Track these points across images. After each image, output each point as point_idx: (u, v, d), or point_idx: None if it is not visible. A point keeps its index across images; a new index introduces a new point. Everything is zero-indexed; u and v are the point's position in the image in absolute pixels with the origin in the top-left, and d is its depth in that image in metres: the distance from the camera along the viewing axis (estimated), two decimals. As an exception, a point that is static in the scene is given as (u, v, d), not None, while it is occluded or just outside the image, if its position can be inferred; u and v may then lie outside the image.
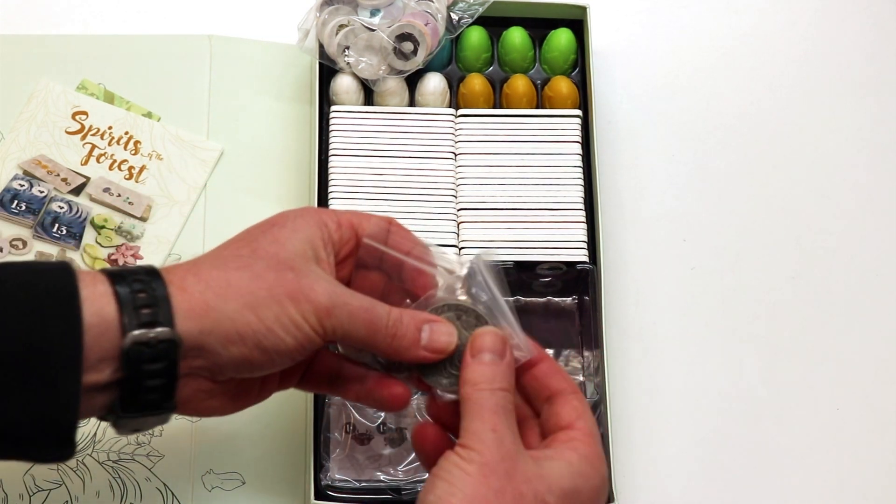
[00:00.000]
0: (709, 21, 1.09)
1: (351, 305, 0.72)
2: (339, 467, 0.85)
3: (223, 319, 0.69)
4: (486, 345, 0.72)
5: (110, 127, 1.00)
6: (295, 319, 0.70)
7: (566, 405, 0.72)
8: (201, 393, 0.72)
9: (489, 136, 0.97)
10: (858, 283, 0.99)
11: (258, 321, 0.70)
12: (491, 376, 0.71)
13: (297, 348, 0.71)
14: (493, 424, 0.69)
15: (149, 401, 0.69)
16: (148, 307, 0.68)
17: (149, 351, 0.67)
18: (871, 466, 0.93)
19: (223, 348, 0.70)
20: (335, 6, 0.98)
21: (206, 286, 0.70)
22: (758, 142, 1.04)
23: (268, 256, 0.72)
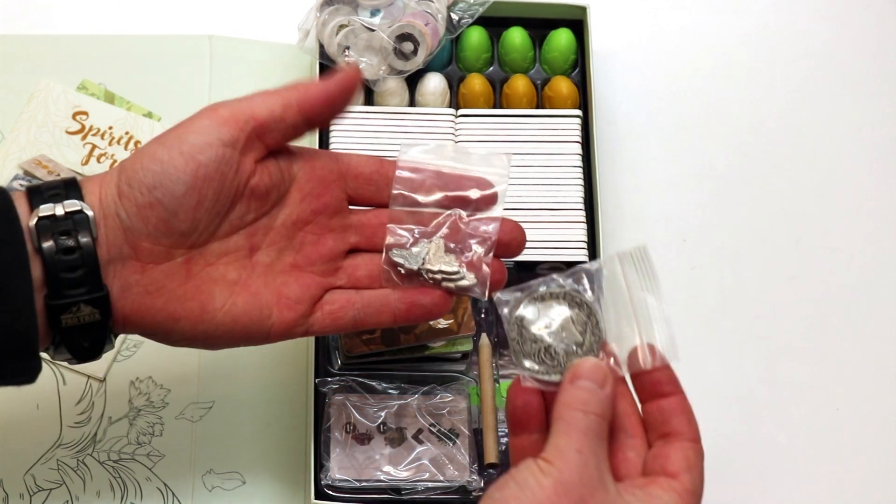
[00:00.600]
0: (709, 21, 1.09)
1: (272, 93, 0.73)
2: (339, 467, 0.85)
3: (112, 176, 0.70)
4: (584, 373, 0.68)
5: (111, 127, 1.00)
6: (186, 136, 0.71)
7: (680, 452, 0.68)
8: (135, 285, 0.71)
9: (489, 136, 0.97)
10: (858, 283, 0.99)
11: (148, 159, 0.70)
12: (586, 400, 0.67)
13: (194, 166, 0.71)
14: (580, 445, 0.65)
15: (73, 280, 0.68)
16: (56, 190, 0.70)
17: (60, 224, 0.69)
18: (871, 466, 0.93)
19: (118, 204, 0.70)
20: (335, 6, 0.98)
21: (110, 168, 0.71)
22: (758, 142, 1.04)
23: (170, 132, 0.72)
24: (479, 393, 0.88)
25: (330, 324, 0.76)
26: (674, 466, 0.68)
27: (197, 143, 0.71)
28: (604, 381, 0.68)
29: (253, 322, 0.74)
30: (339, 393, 0.87)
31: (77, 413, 0.90)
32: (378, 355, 0.88)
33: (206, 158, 0.71)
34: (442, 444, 0.86)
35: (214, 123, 0.72)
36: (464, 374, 0.90)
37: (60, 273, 0.68)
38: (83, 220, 0.69)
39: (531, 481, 0.65)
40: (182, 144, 0.71)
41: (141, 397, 0.91)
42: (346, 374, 0.88)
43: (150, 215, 0.70)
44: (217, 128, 0.72)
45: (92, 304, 0.69)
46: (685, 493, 0.67)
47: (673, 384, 0.70)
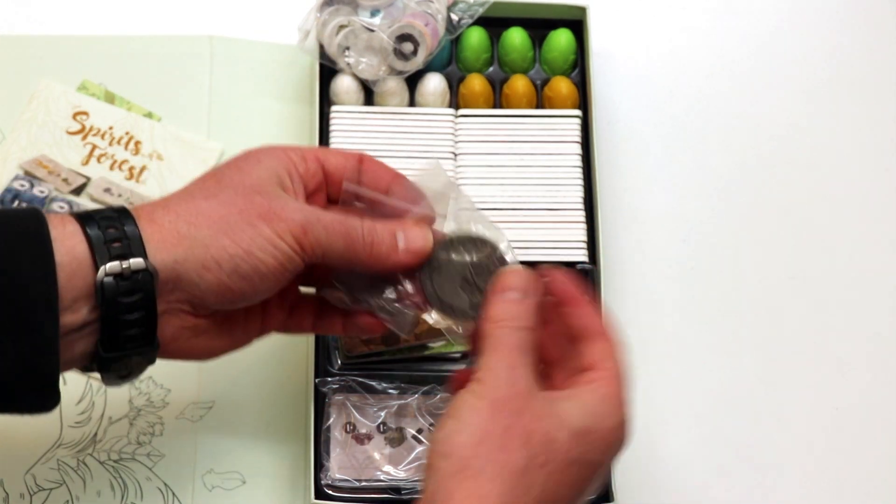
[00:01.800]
0: (708, 21, 1.09)
1: (325, 219, 0.71)
2: (339, 467, 0.85)
3: (196, 246, 0.69)
4: (513, 283, 0.70)
5: (111, 127, 1.00)
6: (271, 238, 0.70)
7: (594, 346, 0.70)
8: (185, 331, 0.72)
9: (489, 137, 0.97)
10: (858, 283, 0.99)
11: (233, 244, 0.69)
12: (515, 314, 0.69)
13: (277, 268, 0.71)
14: (511, 361, 0.67)
15: (130, 337, 0.69)
16: (118, 241, 0.68)
17: (124, 283, 0.67)
18: (871, 466, 0.93)
19: (199, 276, 0.69)
20: (335, 7, 0.98)
21: (175, 216, 0.69)
22: (758, 142, 1.04)
23: (234, 185, 0.71)
24: (478, 393, 0.88)
25: (294, 327, 0.79)
26: (591, 358, 0.70)
27: (287, 253, 0.71)
28: (528, 288, 0.70)
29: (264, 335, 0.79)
30: (339, 393, 0.88)
31: (77, 413, 0.90)
32: (378, 355, 0.88)
33: (291, 266, 0.72)
34: (442, 444, 0.86)
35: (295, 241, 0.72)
36: (464, 374, 0.90)
37: (120, 331, 0.69)
38: (148, 280, 0.68)
39: (466, 409, 0.66)
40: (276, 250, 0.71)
41: (141, 397, 0.91)
42: (346, 374, 0.88)
43: (227, 295, 0.71)
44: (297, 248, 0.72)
45: (141, 354, 0.71)
46: (608, 377, 0.69)
47: (575, 292, 0.72)
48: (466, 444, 0.65)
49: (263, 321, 0.77)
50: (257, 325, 0.77)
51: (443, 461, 0.65)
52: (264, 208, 0.70)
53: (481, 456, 0.65)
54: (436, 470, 0.65)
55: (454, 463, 0.65)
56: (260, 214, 0.70)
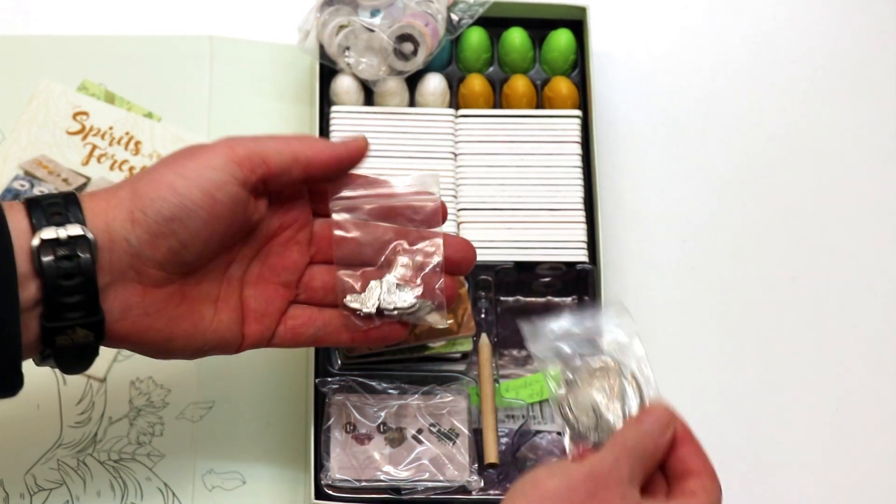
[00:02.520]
0: (708, 21, 1.09)
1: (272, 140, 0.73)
2: (339, 467, 0.85)
3: (123, 202, 0.70)
4: (649, 417, 0.73)
5: (111, 127, 1.00)
6: (197, 169, 0.71)
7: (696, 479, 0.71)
8: (134, 307, 0.71)
9: (489, 137, 0.97)
10: (858, 283, 0.99)
11: (154, 188, 0.70)
12: (642, 441, 0.71)
13: (207, 200, 0.71)
14: (620, 455, 0.70)
15: (71, 305, 0.69)
16: (58, 213, 0.69)
17: (61, 249, 0.68)
18: (871, 466, 0.93)
19: (129, 231, 0.70)
20: (335, 7, 0.98)
21: (109, 190, 0.71)
22: (758, 142, 1.04)
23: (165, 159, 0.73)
24: (479, 393, 0.88)
25: (291, 339, 0.78)
26: (691, 487, 0.71)
27: (215, 180, 0.71)
28: (666, 427, 0.72)
29: (232, 335, 0.76)
30: (339, 393, 0.87)
31: (77, 413, 0.90)
32: (378, 355, 0.88)
33: (223, 196, 0.72)
34: (442, 444, 0.86)
35: (231, 161, 0.72)
36: (464, 374, 0.90)
37: (60, 297, 0.69)
38: (85, 244, 0.69)
39: (563, 467, 0.70)
40: (200, 179, 0.71)
41: (141, 397, 0.91)
42: (346, 374, 0.88)
43: (162, 245, 0.71)
44: (233, 167, 0.72)
45: (87, 327, 0.70)
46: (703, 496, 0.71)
47: (683, 430, 0.73)
48: (549, 489, 0.68)
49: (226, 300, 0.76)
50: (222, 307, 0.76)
51: (520, 498, 0.68)
52: (191, 154, 0.72)
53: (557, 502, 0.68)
54: (511, 501, 0.68)
55: (531, 499, 0.68)
56: (186, 158, 0.72)
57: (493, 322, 0.92)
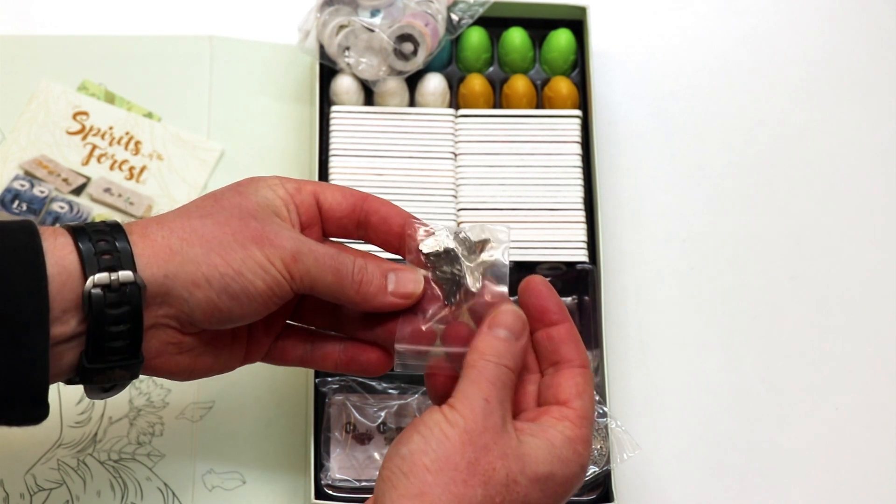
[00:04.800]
0: (708, 21, 1.09)
1: (317, 252, 0.72)
2: (339, 467, 0.85)
3: (188, 262, 0.69)
4: (505, 322, 0.71)
5: (111, 127, 1.00)
6: (261, 262, 0.70)
7: (569, 379, 0.71)
8: (170, 346, 0.72)
9: (489, 137, 0.97)
10: (858, 283, 0.99)
11: (224, 263, 0.70)
12: (501, 352, 0.70)
13: (267, 292, 0.71)
14: (487, 394, 0.68)
15: (114, 349, 0.69)
16: (108, 253, 0.68)
17: (111, 295, 0.68)
18: (871, 466, 0.93)
19: (189, 293, 0.70)
20: (335, 7, 0.98)
21: (169, 232, 0.70)
22: (758, 141, 1.04)
23: (230, 206, 0.72)
24: (478, 393, 0.88)
25: (279, 356, 0.79)
26: (565, 394, 0.71)
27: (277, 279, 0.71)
28: (521, 331, 0.71)
29: (240, 362, 0.78)
30: (339, 393, 0.88)
31: (77, 413, 0.90)
32: (378, 355, 0.88)
33: (280, 292, 0.72)
34: (442, 444, 0.86)
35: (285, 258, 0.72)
36: (464, 374, 0.90)
37: (105, 343, 0.69)
38: (136, 293, 0.69)
39: (437, 432, 0.67)
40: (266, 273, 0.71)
41: (141, 397, 0.91)
42: (346, 374, 0.88)
43: (216, 314, 0.71)
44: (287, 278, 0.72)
45: (125, 368, 0.71)
46: (577, 419, 0.70)
47: (560, 312, 0.73)
48: (429, 469, 0.66)
49: (249, 346, 0.77)
50: (242, 349, 0.77)
51: (402, 479, 0.67)
52: (258, 232, 0.71)
53: (440, 485, 0.66)
54: (392, 485, 0.67)
55: (413, 484, 0.66)
56: (253, 238, 0.71)
57: (493, 322, 0.92)
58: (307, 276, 0.72)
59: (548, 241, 0.94)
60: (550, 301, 0.73)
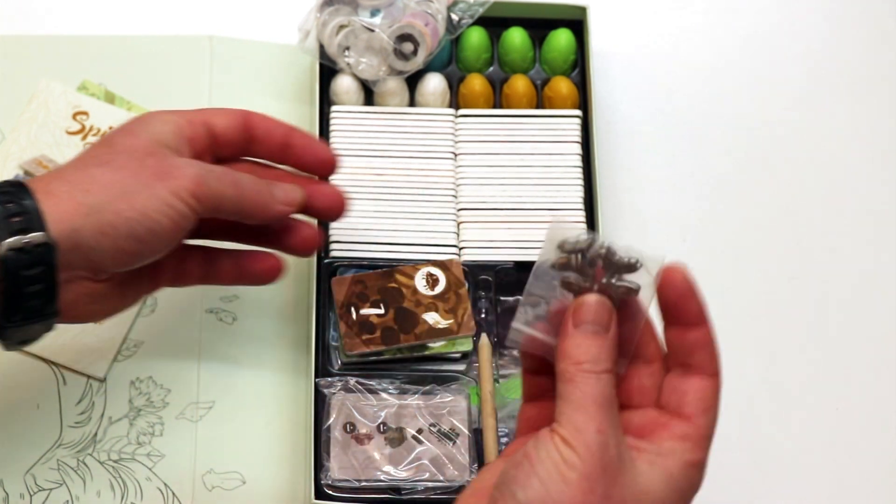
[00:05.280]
0: (708, 21, 1.09)
1: (216, 170, 0.76)
2: (339, 467, 0.85)
3: (93, 213, 0.71)
4: (590, 315, 0.65)
5: (111, 127, 1.00)
6: (166, 198, 0.73)
7: (698, 390, 0.65)
8: (85, 297, 0.74)
9: (489, 136, 0.97)
10: (858, 283, 0.99)
11: (129, 207, 0.72)
12: (596, 355, 0.64)
13: (173, 228, 0.74)
14: (600, 424, 0.63)
15: (31, 307, 0.71)
16: (18, 216, 0.69)
17: (25, 257, 0.69)
18: (872, 466, 0.93)
19: (97, 242, 0.72)
20: (335, 7, 0.98)
21: (70, 185, 0.72)
22: (757, 141, 1.04)
23: (125, 149, 0.74)
24: (479, 393, 0.88)
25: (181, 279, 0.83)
26: (690, 407, 0.65)
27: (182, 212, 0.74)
28: (609, 320, 0.65)
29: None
30: (339, 393, 0.88)
31: (77, 413, 0.90)
32: (378, 355, 0.88)
33: (185, 224, 0.75)
34: (442, 444, 0.86)
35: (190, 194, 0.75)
36: (464, 374, 0.90)
37: (22, 303, 0.71)
38: (49, 252, 0.70)
39: (555, 477, 0.62)
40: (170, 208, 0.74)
41: (141, 397, 0.91)
42: (346, 374, 0.88)
43: (125, 258, 0.74)
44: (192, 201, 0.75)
45: (42, 323, 0.73)
46: (699, 439, 0.65)
47: (701, 313, 0.66)
48: None
49: (154, 277, 0.80)
50: (148, 282, 0.80)
51: None
52: (157, 168, 0.73)
53: None
54: None
55: None
56: (154, 174, 0.73)
57: (493, 322, 0.92)
58: (212, 197, 0.75)
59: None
60: (692, 300, 0.67)
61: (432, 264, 0.91)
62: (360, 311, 0.89)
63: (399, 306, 0.89)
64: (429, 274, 0.90)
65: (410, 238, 0.93)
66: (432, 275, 0.90)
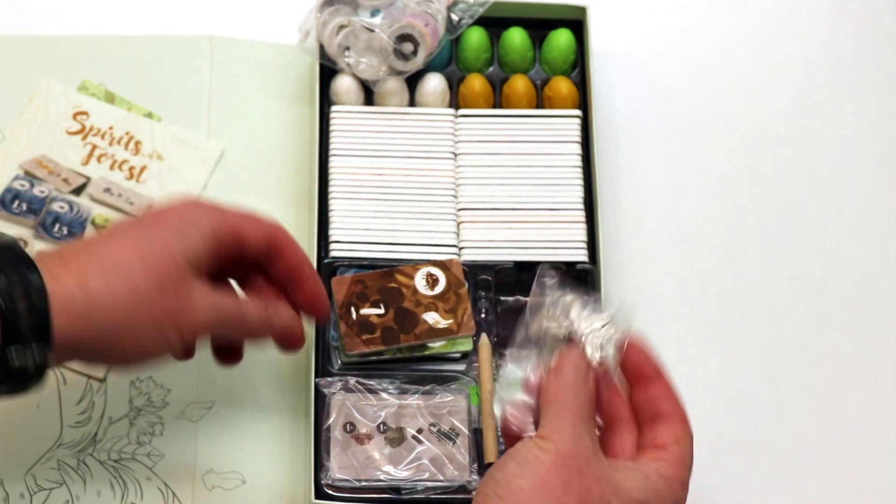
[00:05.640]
0: (708, 21, 1.09)
1: (225, 310, 0.78)
2: (339, 467, 0.85)
3: (99, 338, 0.74)
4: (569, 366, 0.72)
5: (111, 127, 1.00)
6: (170, 337, 0.76)
7: (667, 428, 0.72)
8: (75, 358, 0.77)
9: (489, 136, 0.97)
10: (858, 283, 0.99)
11: (133, 344, 0.75)
12: (575, 386, 0.71)
13: (162, 355, 0.78)
14: (574, 422, 0.69)
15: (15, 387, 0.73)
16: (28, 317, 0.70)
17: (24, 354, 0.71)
18: (872, 466, 0.93)
19: (90, 354, 0.75)
20: (335, 7, 0.98)
21: (88, 298, 0.72)
22: (758, 141, 1.04)
23: (155, 265, 0.75)
24: (479, 393, 0.88)
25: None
26: (662, 440, 0.72)
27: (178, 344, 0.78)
28: (586, 372, 0.72)
29: None
30: (339, 393, 0.88)
31: (77, 413, 0.90)
32: (378, 355, 0.88)
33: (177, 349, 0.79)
34: (442, 444, 0.86)
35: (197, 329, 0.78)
36: (464, 374, 0.90)
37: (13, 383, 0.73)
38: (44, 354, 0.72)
39: (530, 457, 0.68)
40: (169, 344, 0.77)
41: (141, 397, 0.91)
42: (346, 374, 0.88)
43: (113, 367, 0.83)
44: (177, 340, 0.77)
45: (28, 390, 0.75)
46: (673, 461, 0.71)
47: (655, 368, 0.74)
48: (525, 490, 0.67)
49: None
50: None
51: (498, 502, 0.67)
52: (175, 305, 0.75)
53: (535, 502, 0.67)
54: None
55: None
56: (169, 312, 0.75)
57: (493, 322, 0.92)
58: (214, 332, 0.81)
59: (548, 241, 0.94)
60: (646, 358, 0.74)
61: (432, 264, 0.91)
62: (360, 311, 0.89)
63: (399, 306, 0.89)
64: (429, 274, 0.90)
65: (410, 238, 0.93)
66: (432, 275, 0.90)
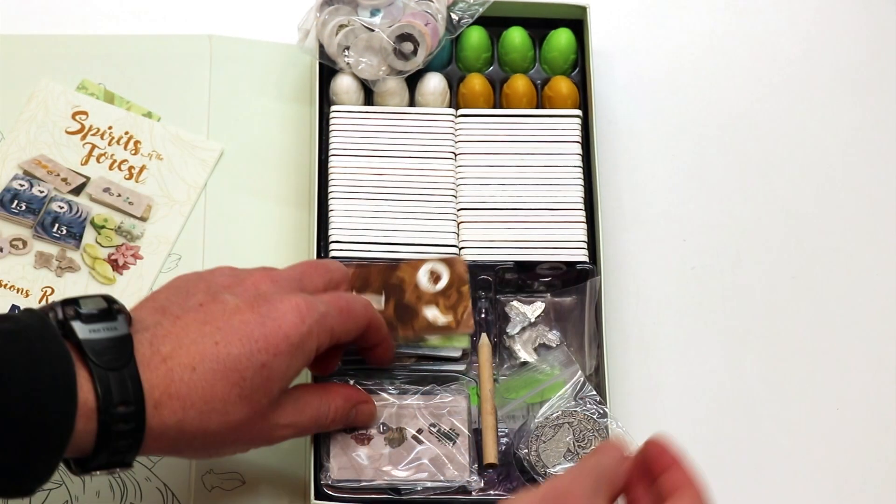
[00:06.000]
0: (709, 21, 1.09)
1: (301, 426, 0.82)
2: (339, 467, 0.85)
3: (184, 442, 0.76)
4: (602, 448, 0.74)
5: (110, 127, 1.00)
6: (243, 451, 0.81)
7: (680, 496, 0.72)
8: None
9: (489, 136, 0.97)
10: (858, 283, 0.99)
11: (216, 452, 0.80)
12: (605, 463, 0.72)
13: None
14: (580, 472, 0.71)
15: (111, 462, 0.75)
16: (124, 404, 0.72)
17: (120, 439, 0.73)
18: (872, 466, 0.93)
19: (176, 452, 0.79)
20: (335, 6, 0.98)
21: (180, 430, 0.75)
22: (758, 141, 1.04)
23: (249, 398, 0.76)
24: (479, 393, 0.88)
25: None
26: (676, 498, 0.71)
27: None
28: (621, 457, 0.73)
29: None
30: (339, 393, 0.87)
31: (77, 413, 0.90)
32: (378, 355, 0.88)
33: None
34: (442, 444, 0.86)
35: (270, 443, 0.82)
36: (464, 374, 0.90)
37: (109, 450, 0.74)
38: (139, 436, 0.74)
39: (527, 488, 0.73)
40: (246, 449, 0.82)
41: (141, 397, 0.91)
42: (346, 374, 0.88)
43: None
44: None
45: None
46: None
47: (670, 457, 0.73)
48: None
49: None
50: None
51: None
52: (257, 434, 0.79)
53: None
54: None
55: None
56: (252, 438, 0.79)
57: (492, 322, 0.92)
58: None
59: (548, 241, 0.94)
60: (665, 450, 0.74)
61: (437, 260, 0.90)
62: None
63: (400, 300, 0.89)
64: (432, 270, 0.90)
65: (410, 238, 0.93)
66: (435, 271, 0.90)
